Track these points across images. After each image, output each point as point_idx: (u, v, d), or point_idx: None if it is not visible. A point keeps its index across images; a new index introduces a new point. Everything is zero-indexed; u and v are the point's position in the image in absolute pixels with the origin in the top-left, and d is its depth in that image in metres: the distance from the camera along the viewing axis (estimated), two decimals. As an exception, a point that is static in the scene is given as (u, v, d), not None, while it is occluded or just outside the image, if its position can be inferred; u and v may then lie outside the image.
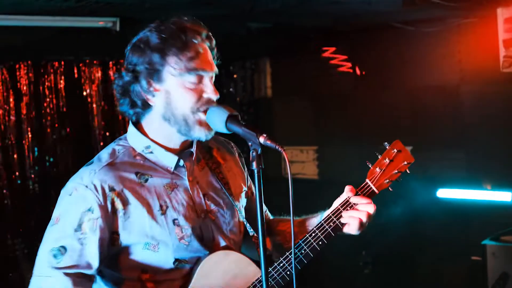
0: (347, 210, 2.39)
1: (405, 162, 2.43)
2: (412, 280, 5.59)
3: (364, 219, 2.37)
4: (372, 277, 5.84)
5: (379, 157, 2.44)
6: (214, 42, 2.32)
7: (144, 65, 2.22)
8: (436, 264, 5.34)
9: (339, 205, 2.41)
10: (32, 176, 5.62)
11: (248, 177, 2.62)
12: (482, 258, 4.44)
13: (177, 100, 2.23)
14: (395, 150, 2.43)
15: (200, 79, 2.24)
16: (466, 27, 4.95)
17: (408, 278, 5.60)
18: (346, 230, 2.41)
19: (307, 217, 2.57)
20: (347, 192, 2.42)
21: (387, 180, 2.43)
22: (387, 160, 2.42)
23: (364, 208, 2.38)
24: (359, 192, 2.42)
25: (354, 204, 2.40)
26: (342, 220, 2.39)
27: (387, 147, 2.44)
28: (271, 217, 2.73)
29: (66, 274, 2.14)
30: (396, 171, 2.43)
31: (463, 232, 5.10)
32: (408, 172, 2.44)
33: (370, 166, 2.44)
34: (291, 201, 1.98)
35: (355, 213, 2.38)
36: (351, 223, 2.38)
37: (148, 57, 2.22)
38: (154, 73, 2.22)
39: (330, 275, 6.14)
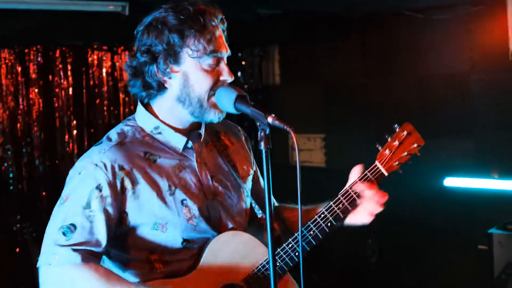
0: (353, 197, 2.38)
1: (415, 145, 2.41)
2: (418, 269, 5.59)
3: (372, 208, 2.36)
4: (378, 266, 5.84)
5: (388, 139, 2.42)
6: (226, 24, 2.31)
7: (162, 45, 2.20)
8: (442, 253, 5.34)
9: (348, 187, 2.40)
10: (40, 159, 5.64)
11: (254, 160, 2.62)
12: (489, 247, 4.42)
13: (194, 83, 2.23)
14: (405, 133, 2.40)
15: (218, 61, 2.24)
16: (475, 15, 4.90)
17: (414, 267, 5.60)
18: (354, 220, 2.39)
19: (314, 206, 2.53)
20: (355, 173, 2.41)
21: (397, 162, 2.41)
22: (396, 142, 2.40)
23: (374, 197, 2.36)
24: (368, 174, 2.40)
25: (360, 190, 2.38)
26: (353, 203, 2.37)
27: (396, 130, 2.42)
28: (276, 204, 2.71)
29: (75, 250, 2.13)
30: (406, 153, 2.40)
31: (470, 221, 5.08)
32: (419, 154, 2.43)
33: (379, 148, 2.42)
34: (299, 181, 1.95)
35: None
36: (361, 211, 2.38)
37: (167, 38, 2.19)
38: (172, 55, 2.21)
39: (336, 264, 6.14)
